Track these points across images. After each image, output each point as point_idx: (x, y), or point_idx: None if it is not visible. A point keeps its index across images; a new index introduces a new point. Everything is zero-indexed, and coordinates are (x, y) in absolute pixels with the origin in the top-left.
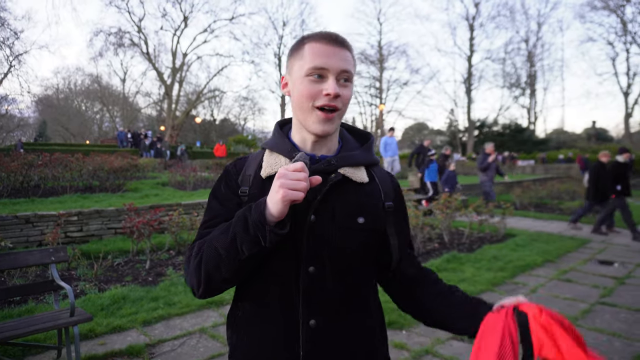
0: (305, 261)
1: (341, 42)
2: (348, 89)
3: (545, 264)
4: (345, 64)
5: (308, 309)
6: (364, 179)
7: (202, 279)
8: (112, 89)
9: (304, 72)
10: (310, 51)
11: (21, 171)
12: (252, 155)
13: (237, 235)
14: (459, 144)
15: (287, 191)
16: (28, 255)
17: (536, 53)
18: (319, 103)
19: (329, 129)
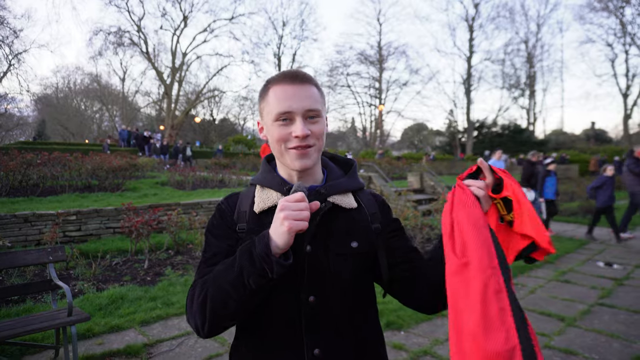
0: (304, 291)
1: (302, 80)
2: (318, 124)
3: (544, 265)
4: (310, 102)
5: (312, 338)
6: (353, 205)
7: (208, 316)
8: (111, 88)
9: (272, 118)
10: (274, 96)
11: (20, 170)
12: (244, 193)
13: (244, 268)
14: (458, 145)
15: (292, 222)
16: (26, 255)
17: (536, 54)
18: (291, 145)
19: (307, 163)
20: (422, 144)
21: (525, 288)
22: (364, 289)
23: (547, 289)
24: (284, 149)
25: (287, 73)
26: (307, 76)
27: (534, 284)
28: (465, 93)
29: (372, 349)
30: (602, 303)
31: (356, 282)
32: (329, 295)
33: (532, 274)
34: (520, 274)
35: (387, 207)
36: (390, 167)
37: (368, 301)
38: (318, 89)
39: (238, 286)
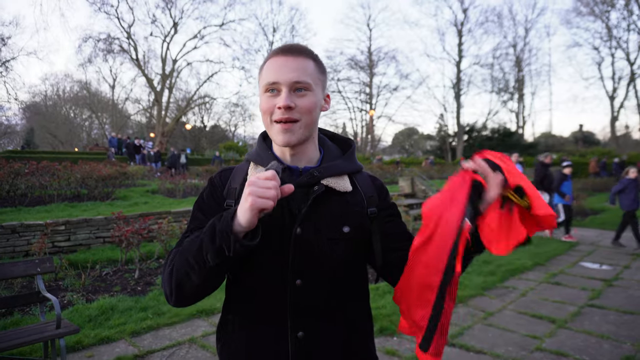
0: (291, 274)
1: (295, 52)
2: (306, 97)
3: (535, 267)
4: (299, 74)
5: (296, 321)
6: (348, 188)
7: (174, 287)
8: (101, 95)
9: (262, 89)
10: (266, 67)
11: (7, 180)
12: (238, 167)
13: (204, 243)
14: (448, 149)
15: (256, 199)
16: (12, 267)
17: (524, 58)
18: (275, 117)
19: (291, 139)
20: (413, 149)
21: (517, 291)
22: (355, 276)
23: (538, 291)
24: (269, 121)
25: (284, 46)
26: (302, 49)
27: (525, 286)
28: (455, 97)
29: (360, 339)
30: (592, 304)
31: (347, 269)
32: (317, 280)
33: (523, 276)
34: (512, 277)
35: (384, 191)
36: (381, 171)
37: (359, 288)
38: (316, 63)
39: (199, 261)
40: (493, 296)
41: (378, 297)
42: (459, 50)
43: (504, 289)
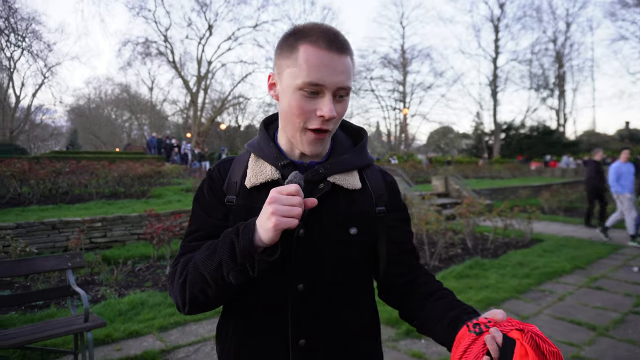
0: (294, 278)
1: (342, 46)
2: (344, 103)
3: (574, 270)
4: (345, 78)
5: (297, 328)
6: (357, 186)
7: (187, 299)
8: (140, 97)
9: (296, 84)
10: (305, 58)
11: (50, 178)
12: (238, 159)
13: (224, 262)
14: (485, 148)
15: (280, 219)
16: (45, 261)
17: (565, 53)
18: (312, 125)
19: (320, 150)
20: (448, 147)
21: (554, 295)
22: (361, 280)
23: (577, 296)
24: (301, 126)
25: (324, 33)
26: (346, 43)
27: (563, 290)
28: (491, 95)
29: (365, 346)
30: (636, 311)
31: (352, 273)
32: (320, 284)
33: (561, 280)
34: (549, 280)
35: (395, 190)
36: (414, 170)
37: (364, 294)
38: (352, 60)
39: (217, 278)
40: (528, 300)
41: None
42: (495, 46)
43: (540, 293)
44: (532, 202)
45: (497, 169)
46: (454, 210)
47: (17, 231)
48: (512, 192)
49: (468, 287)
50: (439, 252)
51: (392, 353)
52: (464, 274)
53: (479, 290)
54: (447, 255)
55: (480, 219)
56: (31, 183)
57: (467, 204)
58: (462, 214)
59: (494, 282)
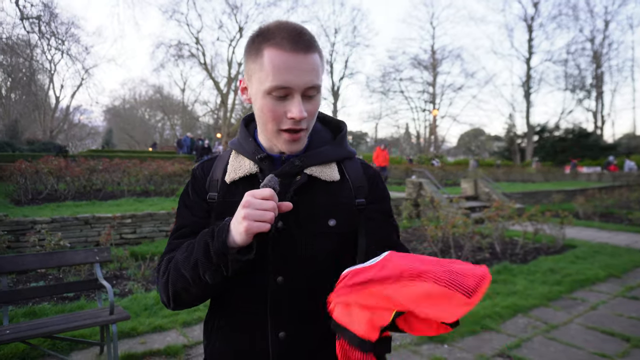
0: (272, 271)
1: (307, 45)
2: (315, 101)
3: (608, 279)
4: (313, 77)
5: (277, 321)
6: (334, 177)
7: (171, 297)
8: (172, 98)
9: (264, 89)
10: (270, 62)
11: (84, 176)
12: (220, 157)
13: (199, 262)
14: (517, 150)
15: (252, 223)
16: (75, 255)
17: (603, 53)
18: (284, 127)
19: (298, 148)
20: (479, 150)
21: (586, 303)
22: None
23: (611, 305)
24: (275, 130)
25: (288, 33)
26: (311, 41)
27: (596, 299)
28: (524, 96)
29: None
30: None
31: (333, 265)
32: (300, 277)
33: (595, 288)
34: (581, 288)
35: (376, 182)
36: (444, 173)
37: None
38: (320, 56)
39: (195, 278)
40: (558, 308)
41: None
42: (528, 46)
43: (572, 301)
44: (566, 207)
45: (529, 172)
46: (483, 213)
47: (52, 225)
48: (545, 196)
49: (495, 292)
50: (465, 255)
51: (414, 357)
52: (492, 279)
53: (506, 297)
54: (474, 260)
55: (510, 223)
56: (67, 180)
57: (496, 207)
58: (490, 218)
59: (522, 288)
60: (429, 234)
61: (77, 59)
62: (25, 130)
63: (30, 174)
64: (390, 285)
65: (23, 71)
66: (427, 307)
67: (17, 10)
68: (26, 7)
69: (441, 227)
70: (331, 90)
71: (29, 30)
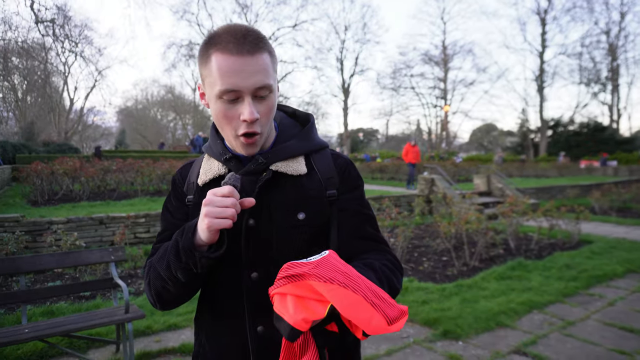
0: (246, 267)
1: (252, 46)
2: (268, 100)
3: (627, 274)
4: (261, 77)
5: (254, 316)
6: (301, 171)
7: (155, 298)
8: (184, 98)
9: (215, 94)
10: (217, 67)
11: (98, 176)
12: (197, 160)
13: (171, 262)
14: (530, 145)
15: (213, 220)
16: (90, 254)
17: (619, 45)
18: (240, 132)
19: (255, 150)
20: (491, 145)
21: (604, 299)
22: None
23: (629, 301)
24: (232, 134)
25: (232, 36)
26: (257, 41)
27: (614, 295)
28: (537, 90)
29: None
30: None
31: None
32: (273, 272)
33: (612, 284)
34: (598, 284)
35: (348, 172)
36: (455, 169)
37: None
38: (270, 54)
39: (170, 277)
40: (575, 304)
41: (444, 299)
42: (542, 40)
43: (588, 297)
44: (581, 202)
45: (543, 167)
46: (496, 209)
47: (68, 226)
48: (560, 192)
49: (510, 288)
50: (479, 252)
51: (429, 354)
52: (506, 275)
53: (521, 293)
54: (487, 256)
55: (524, 218)
56: (82, 180)
57: (509, 202)
58: (504, 213)
59: (537, 284)
60: (441, 230)
61: (91, 61)
62: (41, 132)
63: (46, 175)
64: (322, 283)
65: (38, 74)
66: (352, 313)
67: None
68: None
69: (454, 224)
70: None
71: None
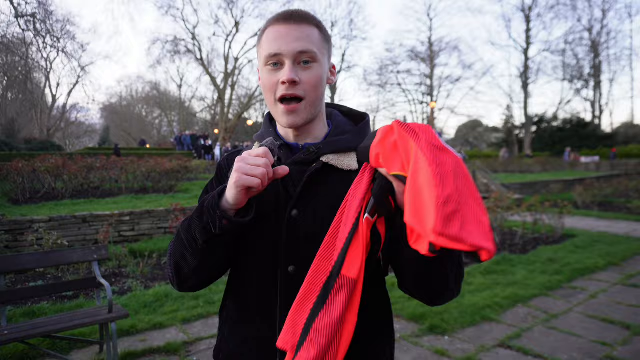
0: (284, 260)
1: (299, 18)
2: (312, 70)
3: (608, 267)
4: (303, 43)
5: (287, 311)
6: (352, 166)
7: (174, 270)
8: (169, 94)
9: (262, 62)
10: (266, 37)
11: (81, 173)
12: (245, 149)
13: (192, 221)
14: (515, 141)
15: (241, 176)
16: (72, 253)
17: (601, 42)
18: (279, 94)
19: (296, 121)
20: (477, 141)
21: (586, 292)
22: None
23: (611, 293)
24: (273, 100)
25: (283, 12)
26: (305, 15)
27: (596, 288)
28: (522, 87)
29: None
30: None
31: None
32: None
33: (594, 277)
34: (580, 277)
35: None
36: None
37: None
38: (320, 31)
39: (189, 239)
40: (558, 297)
41: None
42: (526, 36)
43: (571, 290)
44: (565, 197)
45: (527, 162)
46: None
47: (50, 224)
48: (544, 187)
49: (495, 283)
50: None
51: (415, 349)
52: (491, 269)
53: (506, 287)
54: None
55: (509, 213)
56: (64, 178)
57: (494, 198)
58: (489, 209)
59: (521, 278)
60: None
61: (73, 57)
62: (23, 129)
63: (27, 172)
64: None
65: (19, 69)
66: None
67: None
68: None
69: None
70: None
71: (24, 28)
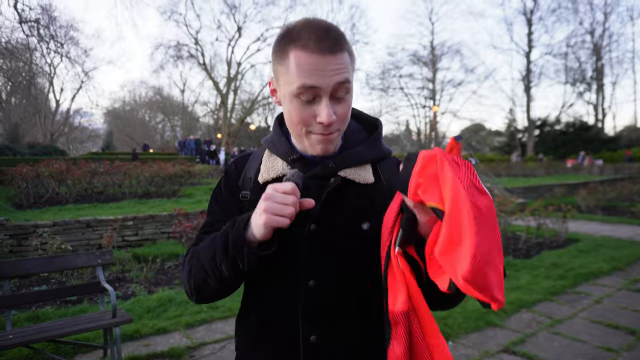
0: (304, 274)
1: (334, 44)
2: (346, 102)
3: (612, 272)
4: (342, 74)
5: (308, 324)
6: (369, 180)
7: (193, 288)
8: (172, 99)
9: (291, 92)
10: (296, 64)
11: (85, 178)
12: (255, 154)
13: (217, 253)
14: (518, 145)
15: (271, 217)
16: (76, 258)
17: (603, 45)
18: (314, 131)
19: (330, 149)
20: (479, 145)
21: (590, 297)
22: (377, 277)
23: (615, 298)
24: (304, 132)
25: (314, 33)
26: (339, 39)
27: (600, 292)
28: (524, 90)
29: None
30: None
31: (366, 269)
32: (332, 281)
33: (599, 281)
34: (585, 282)
35: None
36: None
37: (380, 291)
38: (349, 54)
39: (213, 269)
40: (562, 302)
41: None
42: (528, 40)
43: (575, 295)
44: (568, 201)
45: (530, 166)
46: None
47: (54, 229)
48: (547, 191)
49: None
50: None
51: None
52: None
53: (510, 292)
54: None
55: (512, 218)
56: (68, 183)
57: (498, 202)
58: None
59: (525, 283)
60: None
61: (77, 62)
62: (26, 134)
63: (31, 177)
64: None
65: (23, 75)
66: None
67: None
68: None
69: None
70: None
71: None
